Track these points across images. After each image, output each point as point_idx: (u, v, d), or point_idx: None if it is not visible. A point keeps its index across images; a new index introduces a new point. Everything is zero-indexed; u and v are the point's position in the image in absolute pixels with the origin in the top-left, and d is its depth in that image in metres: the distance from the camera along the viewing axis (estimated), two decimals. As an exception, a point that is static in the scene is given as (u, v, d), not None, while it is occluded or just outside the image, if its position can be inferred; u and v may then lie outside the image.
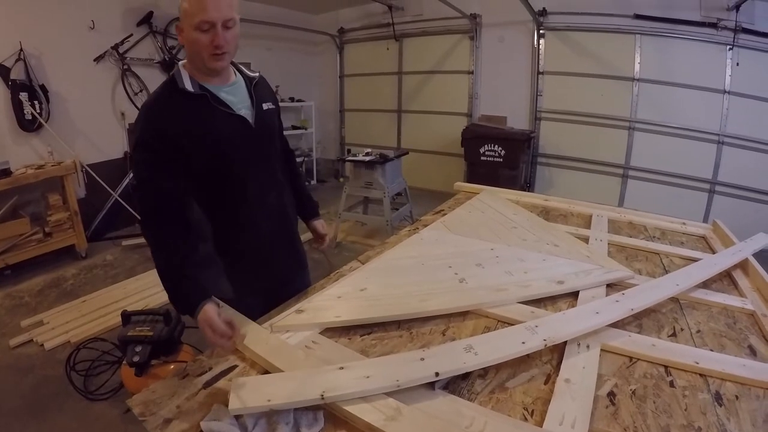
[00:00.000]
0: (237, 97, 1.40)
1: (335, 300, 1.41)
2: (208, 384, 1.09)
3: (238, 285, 1.48)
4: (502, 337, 1.21)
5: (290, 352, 1.16)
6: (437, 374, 1.03)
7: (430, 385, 1.02)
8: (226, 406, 0.97)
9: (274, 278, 1.57)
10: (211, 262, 1.44)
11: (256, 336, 1.22)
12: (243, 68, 1.49)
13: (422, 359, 1.08)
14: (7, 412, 2.37)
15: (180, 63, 1.36)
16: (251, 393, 0.99)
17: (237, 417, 0.95)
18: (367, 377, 1.03)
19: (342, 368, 1.06)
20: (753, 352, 1.23)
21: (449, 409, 0.96)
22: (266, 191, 1.49)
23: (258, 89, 1.46)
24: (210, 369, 1.15)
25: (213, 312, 1.18)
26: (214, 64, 1.28)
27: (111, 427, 2.29)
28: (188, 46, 1.28)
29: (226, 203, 1.43)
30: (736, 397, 1.05)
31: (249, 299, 1.45)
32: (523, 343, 1.16)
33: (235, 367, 1.16)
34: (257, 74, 1.50)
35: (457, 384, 1.07)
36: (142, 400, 1.04)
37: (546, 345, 1.17)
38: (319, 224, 1.80)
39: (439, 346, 1.17)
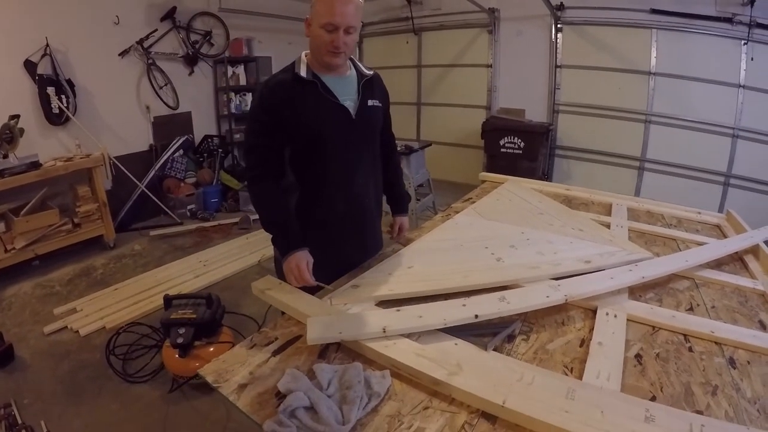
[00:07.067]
0: (345, 89, 1.56)
1: (387, 276, 1.54)
2: (276, 352, 1.19)
3: None
4: (530, 292, 1.44)
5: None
6: (477, 316, 1.26)
7: (483, 347, 1.17)
8: (298, 370, 1.06)
9: (337, 259, 1.67)
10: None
11: (319, 308, 1.35)
12: (360, 66, 1.65)
13: (464, 305, 1.33)
14: (46, 396, 2.42)
15: (303, 53, 1.56)
16: (325, 328, 1.22)
17: (311, 378, 1.04)
18: (420, 317, 1.26)
19: (398, 310, 1.33)
20: (763, 327, 1.35)
21: (501, 366, 1.10)
22: (351, 177, 1.62)
23: (368, 86, 1.61)
24: (276, 339, 1.25)
25: (307, 257, 1.48)
26: (329, 60, 1.48)
27: (152, 408, 2.35)
28: (312, 39, 1.48)
29: (312, 177, 1.59)
30: (748, 362, 1.18)
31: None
32: (548, 297, 1.39)
33: (299, 337, 1.25)
34: (371, 73, 1.65)
35: (504, 347, 1.22)
36: (214, 369, 1.11)
37: (566, 300, 1.39)
38: (402, 220, 1.95)
39: (478, 296, 1.39)
